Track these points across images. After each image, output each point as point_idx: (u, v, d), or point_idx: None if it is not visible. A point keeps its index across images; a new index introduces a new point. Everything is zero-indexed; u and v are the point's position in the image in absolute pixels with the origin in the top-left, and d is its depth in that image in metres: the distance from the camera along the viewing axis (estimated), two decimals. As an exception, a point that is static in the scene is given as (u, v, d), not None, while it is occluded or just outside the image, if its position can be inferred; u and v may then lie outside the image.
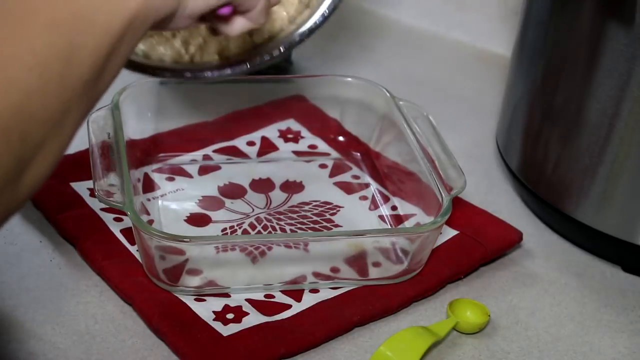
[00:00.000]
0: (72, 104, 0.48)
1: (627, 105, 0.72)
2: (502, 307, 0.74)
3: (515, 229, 0.80)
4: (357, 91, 0.89)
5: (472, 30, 1.17)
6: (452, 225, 0.79)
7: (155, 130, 0.88)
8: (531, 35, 0.82)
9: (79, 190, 0.79)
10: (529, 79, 0.82)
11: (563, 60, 0.77)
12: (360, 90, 0.89)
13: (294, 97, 0.94)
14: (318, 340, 0.68)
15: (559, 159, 0.79)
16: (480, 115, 1.01)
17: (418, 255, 0.72)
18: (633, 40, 0.70)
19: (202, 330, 0.66)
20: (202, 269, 0.70)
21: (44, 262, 0.74)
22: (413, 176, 0.80)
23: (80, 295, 0.71)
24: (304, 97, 0.93)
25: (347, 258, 0.72)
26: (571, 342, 0.71)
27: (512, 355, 0.69)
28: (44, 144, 0.47)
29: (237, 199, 0.82)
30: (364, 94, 0.88)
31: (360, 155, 0.90)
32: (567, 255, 0.81)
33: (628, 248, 0.76)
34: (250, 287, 0.71)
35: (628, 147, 0.74)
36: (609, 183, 0.75)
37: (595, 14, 0.73)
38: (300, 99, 0.93)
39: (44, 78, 0.46)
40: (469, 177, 0.78)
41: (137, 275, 0.71)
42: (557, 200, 0.80)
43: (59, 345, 0.66)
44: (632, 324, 0.73)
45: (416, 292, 0.73)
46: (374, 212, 0.82)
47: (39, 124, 0.46)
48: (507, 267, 0.78)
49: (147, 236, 0.67)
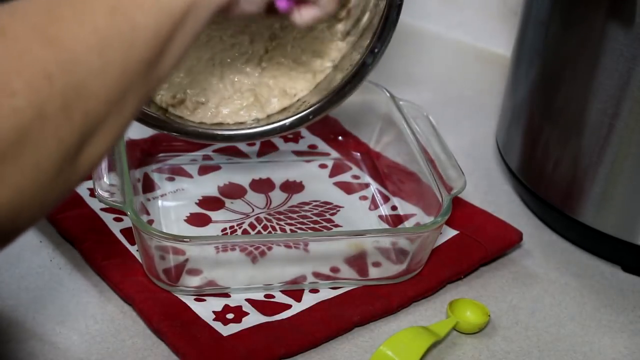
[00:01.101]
0: (132, 84, 0.49)
1: (627, 105, 0.72)
2: (502, 307, 0.74)
3: (515, 229, 0.80)
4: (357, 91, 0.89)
5: (472, 30, 1.17)
6: (452, 225, 0.79)
7: (155, 130, 0.88)
8: (531, 35, 0.82)
9: (79, 190, 0.79)
10: (529, 79, 0.82)
11: (563, 60, 0.77)
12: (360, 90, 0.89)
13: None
14: (318, 340, 0.68)
15: (559, 159, 0.79)
16: (480, 115, 1.01)
17: (418, 255, 0.73)
18: (633, 40, 0.70)
19: (202, 330, 0.66)
20: (202, 269, 0.70)
21: (44, 262, 0.74)
22: (413, 176, 0.80)
23: (80, 295, 0.71)
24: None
25: (347, 258, 0.72)
26: (571, 342, 0.71)
27: (512, 355, 0.69)
28: (104, 123, 0.47)
29: (237, 199, 0.82)
30: (364, 94, 0.88)
31: (360, 155, 0.90)
32: (567, 255, 0.81)
33: (628, 248, 0.76)
34: (250, 287, 0.71)
35: (628, 147, 0.74)
36: (609, 183, 0.75)
37: (595, 14, 0.73)
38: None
39: (105, 57, 0.46)
40: (469, 177, 0.78)
41: (137, 275, 0.71)
42: (557, 200, 0.80)
43: (59, 345, 0.66)
44: (632, 324, 0.73)
45: (416, 292, 0.73)
46: (374, 212, 0.82)
47: (99, 102, 0.47)
48: (507, 267, 0.78)
49: (147, 236, 0.67)
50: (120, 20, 0.48)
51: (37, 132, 0.44)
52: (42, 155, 0.44)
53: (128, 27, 0.48)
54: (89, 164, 0.48)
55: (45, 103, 0.44)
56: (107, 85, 0.47)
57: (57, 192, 0.47)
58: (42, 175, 0.45)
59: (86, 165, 0.48)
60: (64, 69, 0.45)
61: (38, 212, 0.47)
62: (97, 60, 0.46)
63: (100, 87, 0.47)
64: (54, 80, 0.44)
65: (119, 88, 0.48)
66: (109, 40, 0.47)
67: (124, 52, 0.48)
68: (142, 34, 0.49)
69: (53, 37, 0.45)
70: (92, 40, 0.46)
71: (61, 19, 0.46)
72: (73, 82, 0.45)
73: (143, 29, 0.49)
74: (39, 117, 0.44)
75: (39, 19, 0.45)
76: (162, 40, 0.50)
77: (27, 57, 0.44)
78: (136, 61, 0.49)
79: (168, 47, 0.51)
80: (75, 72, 0.45)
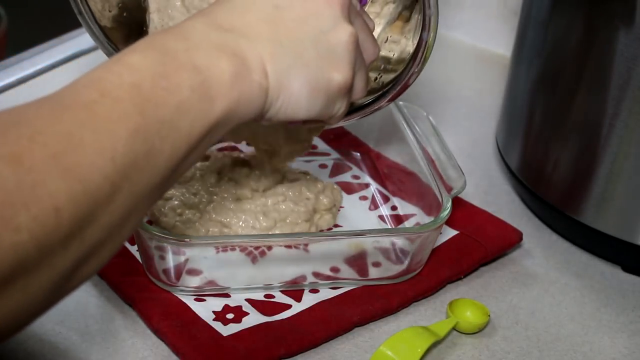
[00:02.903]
0: (138, 206, 0.46)
1: (627, 105, 0.72)
2: (502, 307, 0.74)
3: (515, 229, 0.80)
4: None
5: (472, 30, 1.17)
6: (452, 225, 0.79)
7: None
8: (530, 35, 0.82)
9: (79, 190, 0.79)
10: (528, 79, 0.82)
11: (562, 60, 0.77)
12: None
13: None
14: (318, 340, 0.68)
15: (559, 159, 0.79)
16: (480, 115, 1.01)
17: (418, 255, 0.72)
18: (633, 40, 0.70)
19: (202, 330, 0.66)
20: (202, 269, 0.70)
21: (44, 262, 0.73)
22: (413, 176, 0.80)
23: (80, 295, 0.71)
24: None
25: (347, 258, 0.72)
26: (571, 342, 0.71)
27: (512, 355, 0.69)
28: (102, 246, 0.45)
29: (237, 199, 0.82)
30: (364, 94, 0.88)
31: (360, 155, 0.90)
32: (567, 255, 0.81)
33: (628, 248, 0.76)
34: (250, 287, 0.71)
35: (628, 147, 0.73)
36: (609, 183, 0.75)
37: (595, 14, 0.73)
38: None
39: (116, 186, 0.44)
40: (469, 177, 0.78)
41: (137, 275, 0.71)
42: (557, 200, 0.80)
43: (59, 346, 0.66)
44: (632, 324, 0.73)
45: (416, 292, 0.73)
46: (374, 212, 0.82)
47: (102, 230, 0.44)
48: (507, 267, 0.78)
49: (147, 236, 0.67)
50: (140, 149, 0.45)
51: (32, 264, 0.41)
52: (34, 284, 0.42)
53: (144, 154, 0.45)
54: (80, 282, 0.45)
55: (47, 236, 0.41)
56: (113, 212, 0.44)
57: (47, 306, 0.45)
58: (32, 299, 0.42)
59: (77, 283, 0.45)
60: (75, 202, 0.42)
61: (28, 322, 0.45)
62: (109, 189, 0.43)
63: (105, 215, 0.44)
64: (61, 213, 0.41)
65: (124, 214, 0.45)
66: (125, 168, 0.44)
67: (137, 179, 0.45)
68: (157, 159, 0.46)
69: (70, 166, 0.42)
70: (109, 169, 0.43)
71: (81, 146, 0.43)
72: (80, 214, 0.42)
73: (159, 155, 0.46)
74: (38, 251, 0.41)
75: (59, 146, 0.42)
76: (175, 164, 0.48)
77: (40, 190, 0.41)
78: (145, 186, 0.46)
79: (179, 167, 0.49)
80: (85, 204, 0.42)
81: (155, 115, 0.46)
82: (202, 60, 0.50)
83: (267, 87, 0.53)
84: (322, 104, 0.57)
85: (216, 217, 0.75)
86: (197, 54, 0.50)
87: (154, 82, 0.47)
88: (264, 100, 0.53)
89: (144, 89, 0.46)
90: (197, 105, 0.48)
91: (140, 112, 0.46)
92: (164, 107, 0.47)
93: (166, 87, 0.47)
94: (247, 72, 0.52)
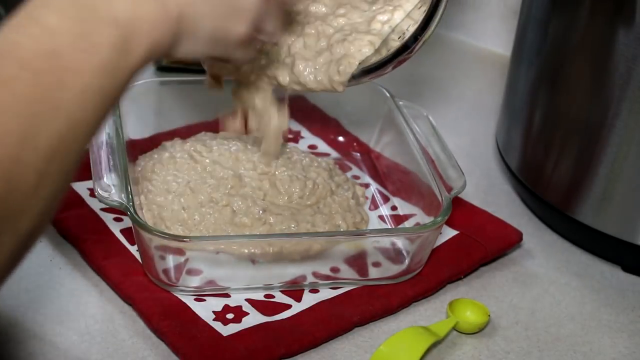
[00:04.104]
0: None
1: (627, 105, 0.72)
2: (502, 307, 0.74)
3: (515, 229, 0.80)
4: (357, 91, 0.89)
5: (472, 30, 1.17)
6: (452, 225, 0.79)
7: (155, 130, 0.88)
8: (530, 35, 0.82)
9: (79, 190, 0.79)
10: (528, 79, 0.82)
11: (562, 60, 0.77)
12: (360, 90, 0.89)
13: (294, 97, 0.94)
14: (318, 340, 0.68)
15: (559, 159, 0.79)
16: (480, 115, 1.01)
17: (418, 255, 0.72)
18: (633, 40, 0.70)
19: (202, 330, 0.66)
20: (202, 269, 0.70)
21: (44, 262, 0.73)
22: (413, 176, 0.80)
23: (80, 295, 0.71)
24: (304, 97, 0.93)
25: (347, 258, 0.72)
26: (571, 342, 0.71)
27: (512, 355, 0.69)
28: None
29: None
30: (364, 94, 0.88)
31: (360, 155, 0.90)
32: (567, 255, 0.81)
33: (628, 248, 0.76)
34: (250, 287, 0.71)
35: (628, 147, 0.73)
36: (609, 183, 0.75)
37: (594, 14, 0.73)
38: (300, 99, 0.93)
39: (40, 172, 0.45)
40: (469, 177, 0.78)
41: (137, 275, 0.71)
42: (557, 200, 0.80)
43: (59, 345, 0.66)
44: (632, 324, 0.73)
45: (416, 292, 0.73)
46: (374, 212, 0.82)
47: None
48: (507, 267, 0.78)
49: (147, 236, 0.67)
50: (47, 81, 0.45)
51: None
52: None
53: (67, 117, 0.46)
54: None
55: None
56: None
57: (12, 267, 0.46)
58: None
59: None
60: None
61: None
62: (33, 177, 0.45)
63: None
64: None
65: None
66: (46, 151, 0.45)
67: (47, 133, 0.45)
68: (86, 119, 0.47)
69: None
70: (31, 159, 0.45)
71: (7, 135, 0.44)
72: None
73: (84, 112, 0.47)
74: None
75: None
76: (100, 115, 0.49)
77: None
78: (59, 133, 0.46)
79: (106, 112, 0.49)
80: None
81: (74, 83, 0.46)
82: (122, 10, 0.49)
83: (178, 31, 0.54)
84: (222, 49, 0.61)
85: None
86: (117, 3, 0.49)
87: (74, 46, 0.47)
88: (171, 41, 0.54)
89: (64, 55, 0.46)
90: (116, 63, 0.49)
91: (60, 86, 0.46)
92: (83, 74, 0.47)
93: (86, 49, 0.47)
94: (165, 15, 0.52)
